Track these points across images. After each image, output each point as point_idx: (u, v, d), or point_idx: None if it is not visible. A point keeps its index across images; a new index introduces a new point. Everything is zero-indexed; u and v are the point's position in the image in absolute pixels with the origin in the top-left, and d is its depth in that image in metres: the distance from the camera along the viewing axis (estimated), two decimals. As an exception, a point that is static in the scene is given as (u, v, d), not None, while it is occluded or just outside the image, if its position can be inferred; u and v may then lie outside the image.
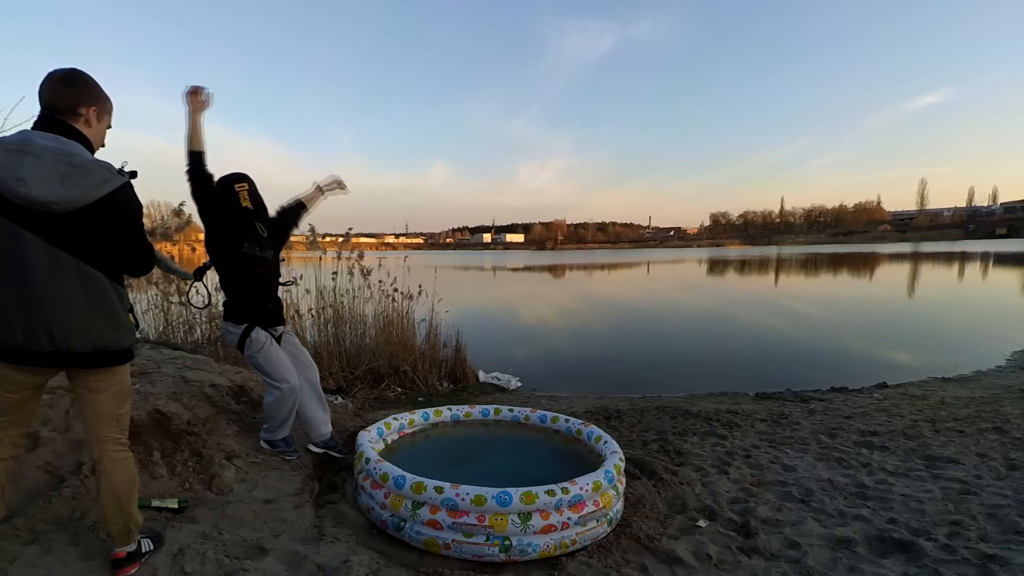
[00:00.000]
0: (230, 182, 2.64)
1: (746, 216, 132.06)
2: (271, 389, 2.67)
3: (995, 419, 4.24)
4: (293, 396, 2.67)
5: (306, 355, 2.95)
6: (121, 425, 1.70)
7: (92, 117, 1.54)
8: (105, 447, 1.66)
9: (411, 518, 2.20)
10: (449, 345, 6.23)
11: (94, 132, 1.56)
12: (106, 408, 1.65)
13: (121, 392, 1.68)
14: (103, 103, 1.57)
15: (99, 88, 1.57)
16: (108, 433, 1.66)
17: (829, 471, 3.21)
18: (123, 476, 1.69)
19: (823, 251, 57.28)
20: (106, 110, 1.59)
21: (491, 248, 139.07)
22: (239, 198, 2.63)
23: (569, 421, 3.22)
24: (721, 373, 6.72)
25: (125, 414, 1.72)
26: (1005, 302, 13.79)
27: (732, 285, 21.33)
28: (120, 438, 1.70)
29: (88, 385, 1.62)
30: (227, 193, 2.62)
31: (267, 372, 2.64)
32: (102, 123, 1.58)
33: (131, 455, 1.74)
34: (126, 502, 1.69)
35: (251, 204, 2.66)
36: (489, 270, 34.60)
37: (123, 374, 1.68)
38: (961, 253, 40.86)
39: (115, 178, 1.48)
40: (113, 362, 1.62)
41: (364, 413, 4.16)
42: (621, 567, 2.16)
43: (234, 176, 2.67)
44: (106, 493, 1.68)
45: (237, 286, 2.66)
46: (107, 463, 1.66)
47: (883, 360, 7.48)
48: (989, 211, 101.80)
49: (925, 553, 2.21)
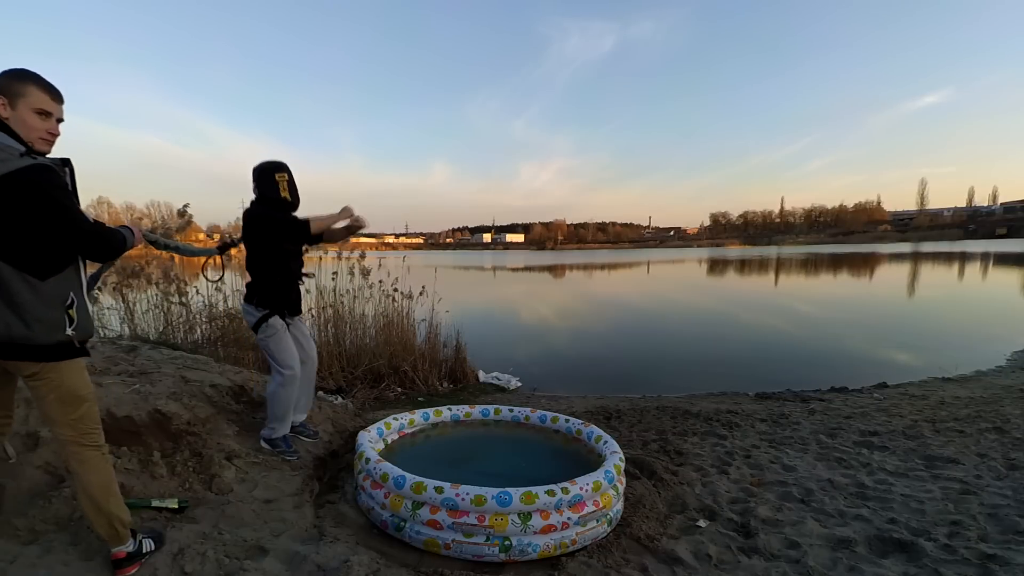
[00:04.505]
0: (271, 170, 2.66)
1: (746, 216, 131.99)
2: (275, 373, 2.74)
3: (995, 419, 4.24)
4: (295, 384, 2.75)
5: (311, 346, 3.03)
6: (79, 430, 1.62)
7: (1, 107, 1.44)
8: (67, 449, 1.63)
9: (411, 518, 2.20)
10: (449, 345, 6.22)
11: (14, 121, 1.46)
12: (54, 414, 1.58)
13: (65, 397, 1.57)
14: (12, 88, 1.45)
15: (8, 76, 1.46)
16: (65, 437, 1.61)
17: (829, 471, 3.21)
18: (93, 476, 1.65)
19: (823, 251, 57.26)
20: (18, 93, 1.46)
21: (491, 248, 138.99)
22: (278, 187, 2.65)
23: (569, 421, 3.22)
24: (721, 373, 6.72)
25: (81, 418, 1.61)
26: (1005, 302, 13.78)
27: (732, 285, 21.32)
28: (82, 440, 1.63)
29: (31, 390, 1.57)
30: (266, 180, 2.64)
31: (275, 356, 2.72)
32: (18, 110, 1.46)
33: (99, 454, 1.67)
34: (102, 501, 1.66)
35: (289, 195, 2.68)
36: (489, 270, 34.58)
37: (61, 378, 1.56)
38: (961, 253, 40.83)
39: (13, 160, 1.39)
40: (30, 357, 1.51)
41: (364, 413, 4.16)
42: (621, 567, 2.16)
43: (275, 165, 2.69)
44: (80, 494, 1.67)
45: (269, 276, 2.73)
46: (73, 464, 1.64)
47: (883, 360, 7.48)
48: (989, 211, 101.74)
49: (925, 553, 2.21)
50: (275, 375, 2.75)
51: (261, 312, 2.69)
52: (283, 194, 2.65)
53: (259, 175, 2.65)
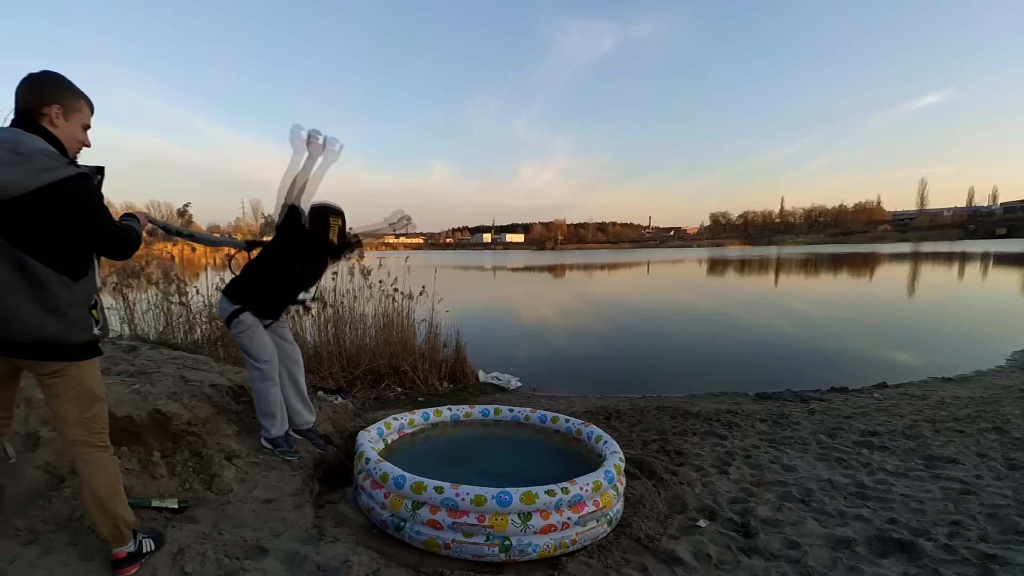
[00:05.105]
0: (326, 213, 2.74)
1: (746, 216, 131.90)
2: (252, 368, 2.74)
3: (995, 419, 4.24)
4: (274, 376, 2.74)
5: (295, 351, 2.99)
6: (91, 429, 1.64)
7: (55, 116, 1.52)
8: (76, 450, 1.64)
9: (411, 518, 2.20)
10: (449, 345, 6.22)
11: (62, 131, 1.53)
12: (68, 413, 1.60)
13: (82, 395, 1.61)
14: (69, 102, 1.54)
15: (66, 88, 1.55)
16: (76, 437, 1.62)
17: (829, 471, 3.21)
18: (100, 477, 1.66)
19: (823, 251, 57.26)
20: (74, 107, 1.55)
21: (491, 248, 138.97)
22: (329, 231, 2.73)
23: (569, 421, 3.22)
24: (721, 373, 6.72)
25: (94, 417, 1.65)
26: (1005, 302, 13.79)
27: (732, 285, 21.32)
28: (93, 440, 1.65)
29: (47, 388, 1.59)
30: (320, 220, 2.72)
31: (248, 351, 2.72)
32: (71, 122, 1.55)
33: (107, 455, 1.69)
34: (108, 502, 1.67)
35: (336, 240, 2.77)
36: (489, 270, 34.59)
37: (81, 376, 1.60)
38: (961, 253, 40.83)
39: (61, 168, 1.45)
40: (60, 356, 1.55)
41: (364, 413, 4.16)
42: (621, 567, 2.16)
43: (331, 209, 2.77)
44: (86, 495, 1.67)
45: (261, 283, 2.72)
46: (81, 465, 1.65)
47: (883, 360, 7.48)
48: (989, 211, 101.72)
49: (925, 553, 2.21)
50: (252, 370, 2.75)
51: (233, 307, 2.68)
52: (332, 237, 2.74)
53: (315, 214, 2.73)
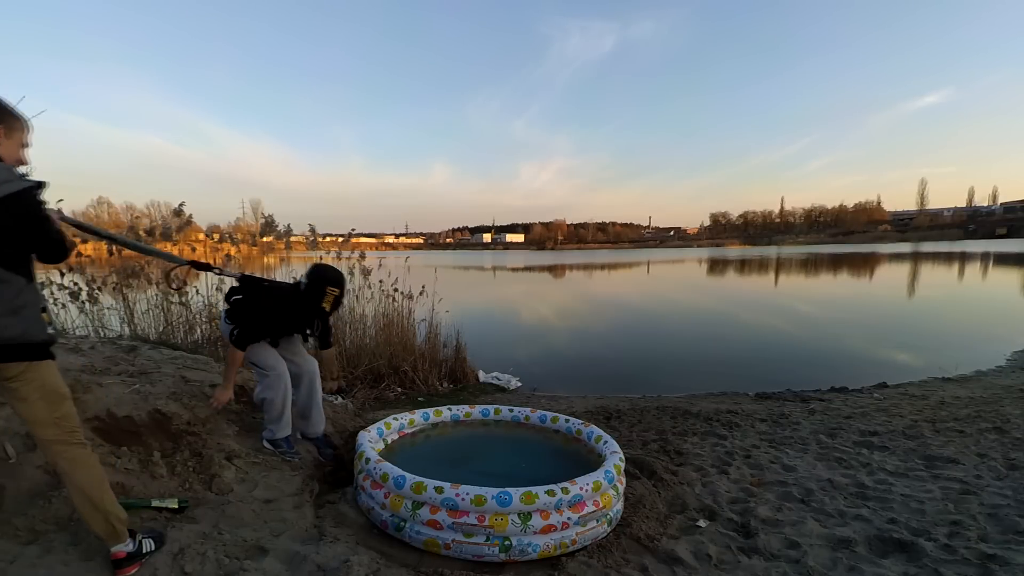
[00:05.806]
0: (324, 281, 2.66)
1: (746, 216, 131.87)
2: (259, 377, 2.75)
3: (995, 419, 4.24)
4: (280, 383, 2.72)
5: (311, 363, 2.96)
6: (63, 428, 1.66)
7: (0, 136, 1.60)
8: (54, 449, 1.64)
9: (411, 518, 2.20)
10: (449, 345, 6.22)
11: (4, 149, 1.61)
12: (39, 415, 1.62)
13: (49, 396, 1.63)
14: (9, 123, 1.62)
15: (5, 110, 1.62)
16: (51, 437, 1.64)
17: (829, 471, 3.21)
18: (83, 473, 1.66)
19: (823, 251, 57.26)
20: (15, 127, 1.63)
21: (491, 248, 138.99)
22: (324, 298, 2.66)
23: (569, 421, 3.22)
24: (721, 373, 6.72)
25: (64, 416, 1.66)
26: (1005, 302, 13.79)
27: (732, 285, 21.32)
28: (68, 439, 1.66)
29: (11, 393, 1.61)
30: (317, 286, 2.65)
31: (255, 363, 2.73)
32: (11, 140, 1.63)
33: (86, 451, 1.70)
34: (97, 499, 1.67)
35: (329, 310, 2.70)
36: (489, 270, 34.58)
37: (43, 377, 1.63)
38: (961, 253, 40.84)
39: (17, 181, 1.55)
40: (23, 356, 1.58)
41: (364, 413, 4.16)
42: (621, 567, 2.16)
43: (333, 278, 2.69)
44: (74, 494, 1.67)
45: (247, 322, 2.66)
46: (62, 464, 1.65)
47: (883, 360, 7.48)
48: (989, 211, 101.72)
49: (925, 553, 2.21)
50: (259, 379, 2.76)
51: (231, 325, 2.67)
52: (324, 305, 2.67)
53: (313, 279, 2.67)
